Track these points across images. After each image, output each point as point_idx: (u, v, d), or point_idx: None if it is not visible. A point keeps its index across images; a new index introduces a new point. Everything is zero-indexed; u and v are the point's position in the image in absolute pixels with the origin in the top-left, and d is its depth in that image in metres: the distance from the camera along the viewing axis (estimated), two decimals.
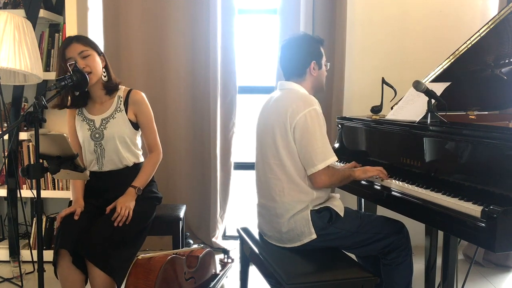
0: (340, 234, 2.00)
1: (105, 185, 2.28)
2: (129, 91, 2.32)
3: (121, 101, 2.29)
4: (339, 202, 2.07)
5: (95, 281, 2.01)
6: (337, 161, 2.51)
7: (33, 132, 1.75)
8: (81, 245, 2.01)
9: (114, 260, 2.02)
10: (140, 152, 2.38)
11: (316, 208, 2.00)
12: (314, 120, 1.94)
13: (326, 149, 1.95)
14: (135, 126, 2.31)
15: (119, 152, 2.26)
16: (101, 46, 3.28)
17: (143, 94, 2.34)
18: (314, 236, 1.96)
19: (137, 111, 2.29)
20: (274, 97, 2.13)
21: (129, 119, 2.28)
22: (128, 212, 2.12)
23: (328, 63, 2.22)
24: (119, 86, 2.33)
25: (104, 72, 2.27)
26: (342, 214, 2.01)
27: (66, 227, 2.08)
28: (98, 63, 2.23)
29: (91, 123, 2.26)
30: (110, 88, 2.28)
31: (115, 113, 2.27)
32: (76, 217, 2.10)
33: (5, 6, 3.14)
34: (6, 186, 3.06)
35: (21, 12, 3.01)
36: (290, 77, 2.13)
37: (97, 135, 2.25)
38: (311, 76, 2.12)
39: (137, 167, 2.34)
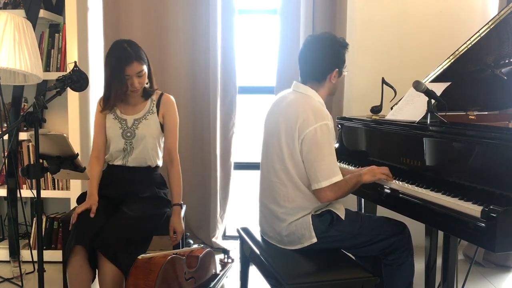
0: (341, 236, 1.99)
1: (128, 178, 2.34)
2: (161, 94, 2.41)
3: (153, 103, 2.37)
4: (341, 205, 2.05)
5: (105, 278, 2.04)
6: (340, 162, 2.51)
7: (33, 132, 1.76)
8: (97, 240, 2.05)
9: (126, 257, 2.07)
10: (161, 155, 2.44)
11: (318, 212, 1.99)
12: (324, 136, 1.89)
13: (332, 167, 1.90)
14: (163, 128, 2.38)
15: (146, 152, 2.34)
16: (101, 46, 3.28)
17: (173, 98, 2.42)
18: (314, 239, 1.95)
19: (165, 112, 2.37)
20: (287, 99, 2.04)
21: (159, 121, 2.36)
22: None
23: (347, 70, 2.11)
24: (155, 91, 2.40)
25: (146, 81, 2.33)
26: (343, 217, 1.99)
27: (83, 223, 2.11)
28: (146, 76, 2.30)
29: (123, 122, 2.33)
30: (148, 93, 2.36)
31: (148, 115, 2.35)
32: (92, 215, 2.13)
33: (5, 6, 3.14)
34: (6, 186, 3.06)
35: (21, 12, 3.01)
36: (307, 80, 2.03)
37: (128, 134, 2.32)
38: (330, 83, 2.04)
39: (156, 170, 2.42)
